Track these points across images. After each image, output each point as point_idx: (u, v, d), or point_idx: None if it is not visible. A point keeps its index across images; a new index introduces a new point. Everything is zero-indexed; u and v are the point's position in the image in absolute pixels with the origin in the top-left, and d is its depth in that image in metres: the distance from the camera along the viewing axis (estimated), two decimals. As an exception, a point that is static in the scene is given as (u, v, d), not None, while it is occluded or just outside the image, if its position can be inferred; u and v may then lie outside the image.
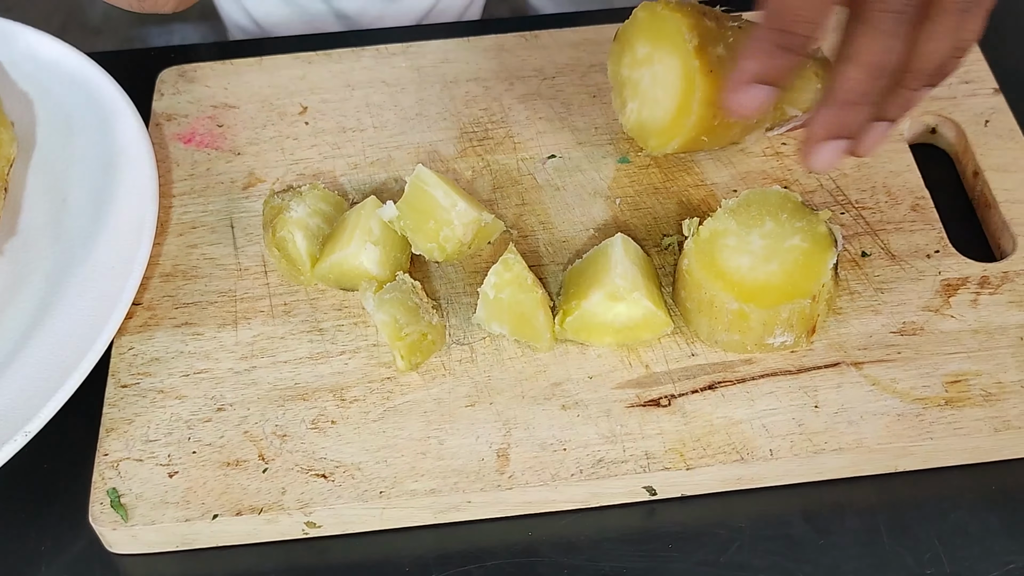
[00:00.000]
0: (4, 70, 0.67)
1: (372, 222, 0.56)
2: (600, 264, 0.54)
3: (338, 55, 0.68)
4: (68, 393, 0.52)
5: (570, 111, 0.65)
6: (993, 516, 0.51)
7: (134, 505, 0.50)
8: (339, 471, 0.51)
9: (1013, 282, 0.56)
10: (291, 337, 0.55)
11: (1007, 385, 0.52)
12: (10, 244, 0.62)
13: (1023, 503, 0.51)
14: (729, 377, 0.53)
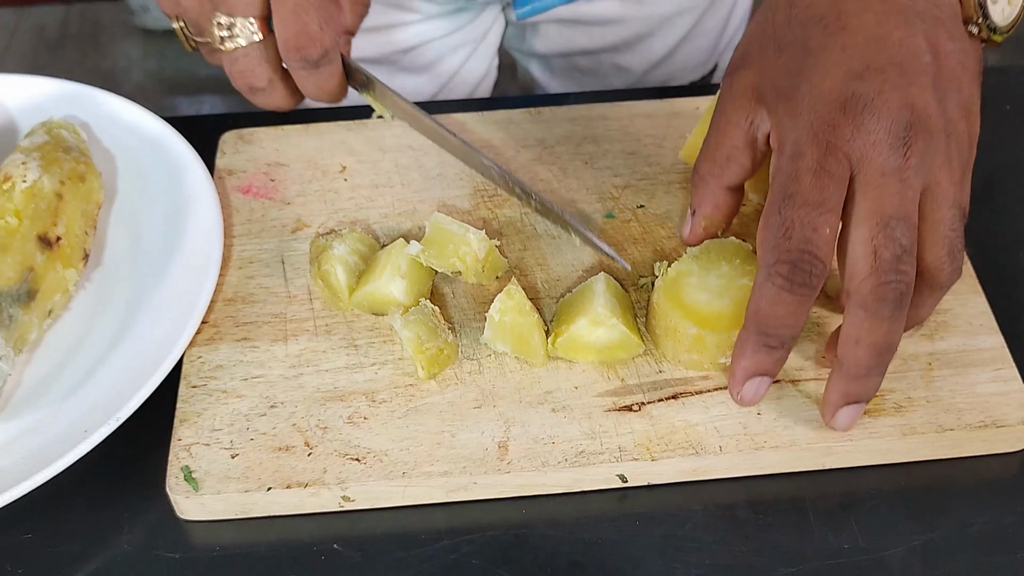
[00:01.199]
0: (91, 130, 0.80)
1: (400, 259, 0.68)
2: (586, 296, 0.66)
3: (372, 124, 0.81)
4: (151, 389, 0.63)
5: (566, 174, 0.77)
6: (900, 505, 0.62)
7: (203, 479, 0.62)
8: (370, 456, 0.62)
9: (928, 320, 0.67)
10: (331, 351, 0.67)
11: (915, 400, 0.64)
12: (96, 273, 0.73)
13: (924, 495, 0.62)
14: (689, 390, 0.65)
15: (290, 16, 0.63)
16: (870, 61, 0.55)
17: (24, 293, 0.66)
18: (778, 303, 0.56)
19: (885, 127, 0.53)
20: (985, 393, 0.64)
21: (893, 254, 0.54)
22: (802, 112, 0.55)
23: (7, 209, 0.67)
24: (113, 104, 0.80)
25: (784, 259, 0.55)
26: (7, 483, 0.60)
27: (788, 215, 0.55)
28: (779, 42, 0.58)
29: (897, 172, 0.53)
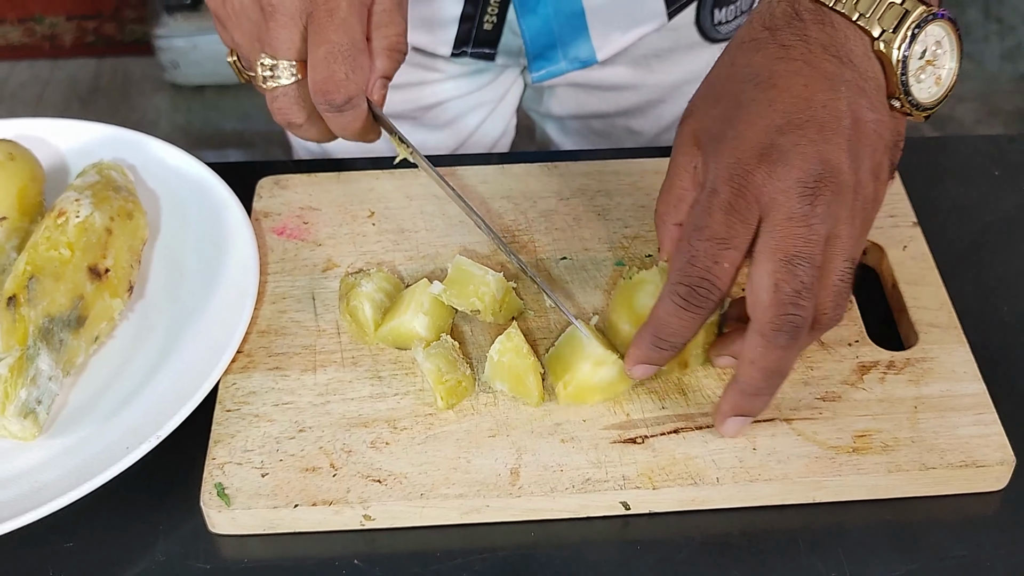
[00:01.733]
0: (138, 172, 0.86)
1: (424, 297, 0.73)
2: (575, 345, 0.71)
3: (400, 173, 0.86)
4: (188, 411, 0.68)
5: (579, 224, 0.82)
6: (885, 537, 0.66)
7: (234, 495, 0.66)
8: (391, 478, 0.67)
9: (913, 366, 0.72)
10: (357, 381, 0.72)
11: (901, 440, 0.68)
12: (139, 304, 0.78)
13: (908, 529, 0.66)
14: (690, 425, 0.69)
15: (320, 63, 0.68)
16: (792, 117, 0.60)
17: (74, 319, 0.71)
18: (673, 316, 0.62)
19: (796, 177, 0.58)
20: (967, 435, 0.68)
21: (794, 289, 0.59)
22: (723, 155, 0.61)
23: (61, 241, 0.73)
24: (159, 148, 0.86)
25: (685, 282, 0.61)
26: (52, 494, 0.65)
27: (696, 245, 0.60)
28: (717, 95, 0.64)
29: (804, 218, 0.58)
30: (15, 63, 2.78)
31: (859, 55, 0.62)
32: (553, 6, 0.98)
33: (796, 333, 0.60)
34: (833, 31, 0.62)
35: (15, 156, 0.79)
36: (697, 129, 0.64)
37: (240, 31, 0.70)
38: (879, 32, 0.61)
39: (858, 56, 0.62)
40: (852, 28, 0.62)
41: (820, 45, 0.62)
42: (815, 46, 0.62)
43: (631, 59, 1.06)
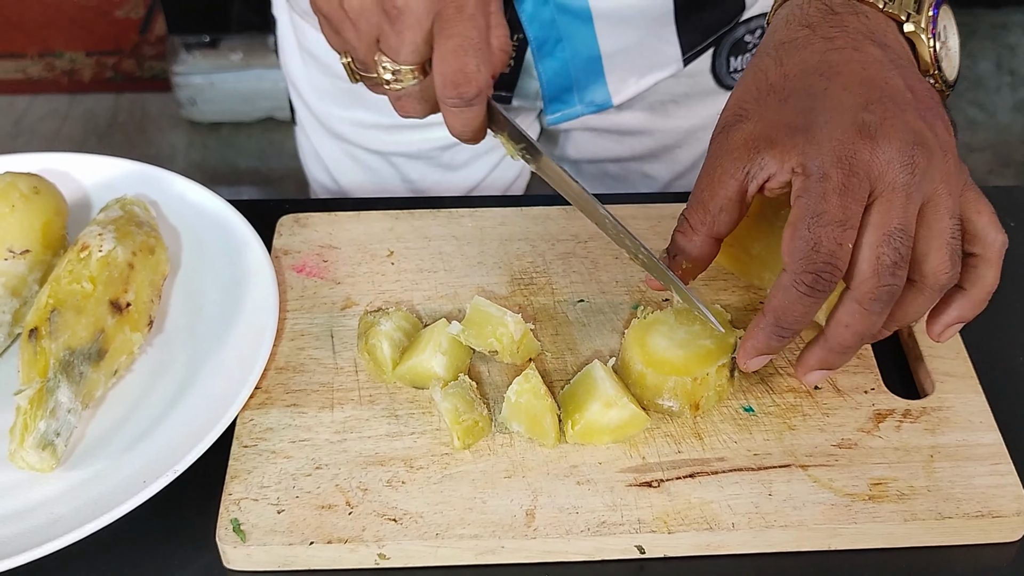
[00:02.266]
0: (160, 207, 0.87)
1: (442, 337, 0.74)
2: (589, 384, 0.71)
3: (419, 214, 0.87)
4: (206, 446, 0.69)
5: (597, 268, 0.83)
6: (900, 586, 0.66)
7: (250, 531, 0.66)
8: (406, 517, 0.67)
9: (929, 415, 0.72)
10: (374, 419, 0.72)
11: (917, 489, 0.68)
12: (158, 339, 0.79)
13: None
14: (706, 470, 0.69)
15: (450, 55, 0.66)
16: (869, 96, 0.63)
17: (95, 352, 0.72)
18: (798, 304, 0.62)
19: (896, 147, 0.61)
20: (983, 485, 0.68)
21: (892, 261, 0.61)
22: (823, 141, 0.62)
23: (84, 275, 0.73)
24: (181, 185, 0.87)
25: (811, 270, 0.61)
26: (68, 527, 0.65)
27: (817, 232, 0.61)
28: (780, 94, 0.65)
29: (904, 188, 0.61)
30: (34, 97, 2.81)
31: (891, 39, 0.66)
32: (570, 50, 0.99)
33: (890, 301, 0.62)
34: (867, 20, 0.66)
35: (40, 190, 0.79)
36: (762, 131, 0.65)
37: (356, 34, 0.68)
38: (906, 16, 0.67)
39: (891, 39, 0.66)
40: (881, 16, 0.67)
41: (860, 33, 0.66)
42: (856, 34, 0.66)
43: (647, 104, 1.07)
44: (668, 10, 0.99)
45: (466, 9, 0.65)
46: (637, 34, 1.00)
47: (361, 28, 0.67)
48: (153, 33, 2.93)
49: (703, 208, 0.67)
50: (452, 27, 0.65)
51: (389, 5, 0.65)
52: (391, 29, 0.66)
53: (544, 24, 0.96)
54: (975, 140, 2.65)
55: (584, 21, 0.97)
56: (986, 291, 0.67)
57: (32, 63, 2.88)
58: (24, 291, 0.77)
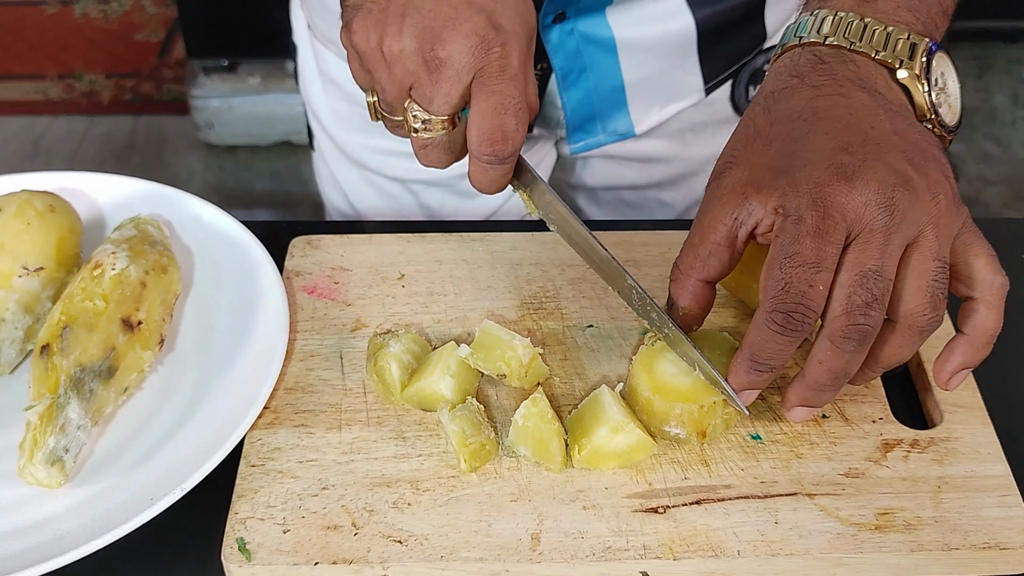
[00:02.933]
0: (173, 227, 0.87)
1: (451, 360, 0.74)
2: (596, 408, 0.71)
3: (431, 237, 0.88)
4: (213, 465, 0.69)
5: (607, 293, 0.83)
6: (906, 617, 0.66)
7: (255, 551, 0.66)
8: (411, 539, 0.67)
9: (937, 445, 0.72)
10: (381, 441, 0.73)
11: (924, 519, 0.68)
12: (169, 357, 0.79)
13: (930, 609, 0.66)
14: (712, 496, 0.69)
15: (491, 113, 0.66)
16: (850, 140, 0.63)
17: (105, 370, 0.72)
18: (771, 341, 0.63)
19: (874, 189, 0.61)
20: (990, 517, 0.68)
21: (864, 301, 0.61)
22: (801, 183, 0.62)
23: (96, 293, 0.74)
24: (195, 205, 0.88)
25: (780, 308, 0.62)
26: (74, 543, 0.65)
27: (788, 272, 0.62)
28: (765, 139, 0.66)
29: (883, 229, 0.61)
30: (54, 118, 2.83)
31: (883, 85, 0.67)
32: (595, 80, 0.99)
33: (863, 340, 0.62)
34: (856, 68, 0.67)
35: (55, 208, 0.80)
36: (749, 177, 0.65)
37: (390, 77, 0.68)
38: (899, 63, 0.67)
39: (882, 86, 0.67)
40: (872, 64, 0.67)
41: (848, 80, 0.66)
42: (844, 81, 0.66)
43: (666, 132, 1.08)
44: (691, 40, 1.00)
45: (509, 68, 0.66)
46: (660, 64, 1.01)
47: (396, 73, 0.67)
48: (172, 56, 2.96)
49: (693, 253, 0.68)
50: (495, 84, 0.66)
51: (431, 55, 0.65)
52: (428, 79, 0.66)
53: (569, 54, 0.97)
54: (990, 173, 2.64)
55: (608, 51, 0.98)
56: (988, 335, 0.66)
57: (52, 84, 2.91)
58: (37, 308, 0.78)
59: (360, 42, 0.68)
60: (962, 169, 2.65)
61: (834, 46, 0.67)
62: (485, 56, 0.65)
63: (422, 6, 0.66)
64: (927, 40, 0.67)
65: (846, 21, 0.68)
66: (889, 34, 0.67)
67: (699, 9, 0.98)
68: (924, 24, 0.69)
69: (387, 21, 0.66)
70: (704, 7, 0.98)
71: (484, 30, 0.65)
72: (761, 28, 1.03)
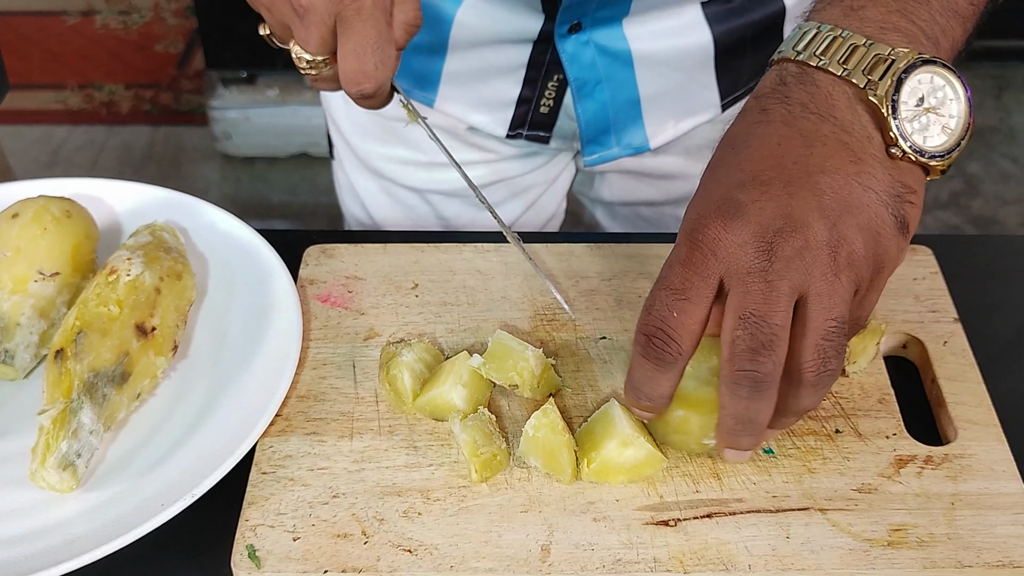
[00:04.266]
0: (189, 234, 0.88)
1: (463, 370, 0.74)
2: (606, 422, 0.71)
3: (444, 247, 0.88)
4: (225, 471, 0.69)
5: (620, 305, 0.83)
6: (918, 634, 0.65)
7: (265, 558, 0.66)
8: (421, 549, 0.67)
9: (951, 462, 0.72)
10: (392, 450, 0.72)
11: (937, 536, 0.67)
12: (182, 364, 0.79)
13: (943, 627, 0.66)
14: (723, 510, 0.69)
15: (350, 55, 0.71)
16: (758, 175, 0.61)
17: (118, 375, 0.72)
18: (638, 366, 0.64)
19: (752, 231, 0.59)
20: (1004, 535, 0.67)
21: (748, 346, 0.59)
22: (688, 213, 0.62)
23: (111, 298, 0.74)
24: (210, 213, 0.88)
25: (643, 331, 0.63)
26: (84, 547, 0.66)
27: (653, 295, 0.62)
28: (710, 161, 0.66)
29: (761, 273, 0.59)
30: (73, 127, 2.85)
31: (842, 108, 0.62)
32: (610, 93, 0.99)
33: (756, 387, 0.60)
34: (815, 89, 0.63)
35: (72, 214, 0.81)
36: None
37: (272, 19, 0.73)
38: (865, 83, 0.62)
39: (840, 110, 0.62)
40: (836, 83, 0.63)
41: (799, 104, 0.63)
42: (795, 106, 0.63)
43: (683, 149, 1.08)
44: (709, 55, 0.99)
45: (364, 9, 0.69)
46: (677, 78, 1.01)
47: (275, 15, 0.72)
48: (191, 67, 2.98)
49: None
50: (351, 27, 0.70)
51: (296, 2, 0.70)
52: (300, 24, 0.71)
53: (585, 66, 0.97)
54: (1008, 192, 2.63)
55: (625, 64, 0.98)
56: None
57: (72, 94, 2.93)
58: (52, 313, 0.78)
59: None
60: (979, 188, 2.64)
61: (800, 63, 0.64)
62: (339, 1, 0.69)
63: None
64: (912, 55, 0.62)
65: (823, 36, 0.64)
66: (868, 48, 0.62)
67: (717, 24, 0.98)
68: (923, 29, 0.64)
69: None
70: (722, 22, 0.98)
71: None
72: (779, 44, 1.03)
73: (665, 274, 0.62)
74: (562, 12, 0.92)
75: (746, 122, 0.65)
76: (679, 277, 0.61)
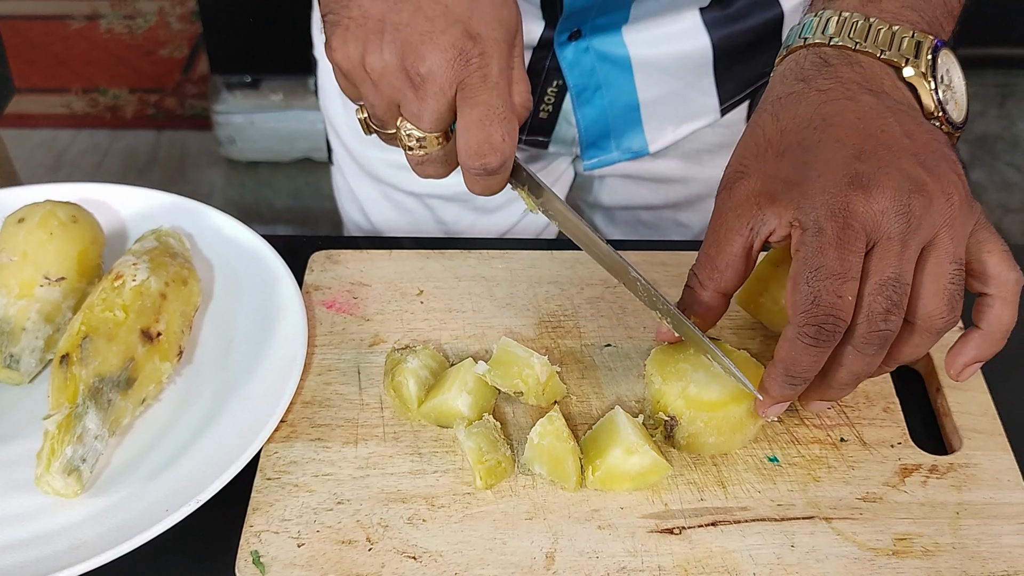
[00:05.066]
0: (194, 240, 0.88)
1: (468, 376, 0.74)
2: (611, 429, 0.71)
3: (450, 254, 0.88)
4: (229, 477, 0.69)
5: (625, 312, 0.83)
6: (923, 644, 0.65)
7: (270, 564, 0.66)
8: (426, 555, 0.67)
9: (956, 471, 0.72)
10: (397, 457, 0.73)
11: (942, 545, 0.67)
12: (187, 369, 0.79)
13: (947, 636, 0.66)
14: (728, 518, 0.69)
15: (475, 126, 0.66)
16: (863, 146, 0.63)
17: (124, 380, 0.72)
18: (804, 354, 0.63)
19: (890, 197, 0.61)
20: (1009, 544, 0.67)
21: (884, 308, 0.61)
22: (816, 194, 0.62)
23: (116, 303, 0.74)
24: (216, 218, 0.88)
25: (812, 322, 0.62)
26: (89, 552, 0.66)
27: (816, 285, 0.61)
28: (776, 149, 0.66)
29: (900, 236, 0.61)
30: (77, 131, 2.85)
31: (889, 86, 0.66)
32: (609, 98, 1.00)
33: (883, 345, 0.63)
34: (862, 69, 0.66)
35: (78, 219, 0.81)
36: (762, 187, 0.65)
37: (377, 94, 0.67)
38: (905, 61, 0.66)
39: (889, 87, 0.66)
40: (878, 64, 0.67)
41: (854, 83, 0.66)
42: (850, 84, 0.66)
43: (682, 153, 1.08)
44: (707, 61, 1.00)
45: (490, 78, 0.65)
46: (676, 84, 1.01)
47: (383, 90, 0.67)
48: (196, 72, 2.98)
49: (711, 264, 0.68)
50: (476, 96, 0.65)
51: (413, 72, 0.65)
52: (414, 96, 0.66)
53: (584, 72, 0.97)
54: (1011, 201, 2.63)
55: (624, 70, 0.98)
56: (1003, 330, 0.66)
57: (76, 98, 2.93)
58: (58, 318, 0.78)
59: (342, 60, 0.67)
60: (983, 197, 2.63)
61: (839, 47, 0.67)
62: (464, 68, 0.64)
63: (399, 20, 0.65)
64: (932, 38, 0.67)
65: (851, 21, 0.67)
66: (894, 33, 0.67)
67: (716, 30, 0.98)
68: (929, 23, 0.69)
69: (366, 38, 0.66)
70: (721, 28, 0.98)
71: (461, 41, 0.64)
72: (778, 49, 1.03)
73: (818, 262, 0.61)
74: (562, 20, 0.92)
75: (808, 104, 0.66)
76: (836, 260, 0.61)
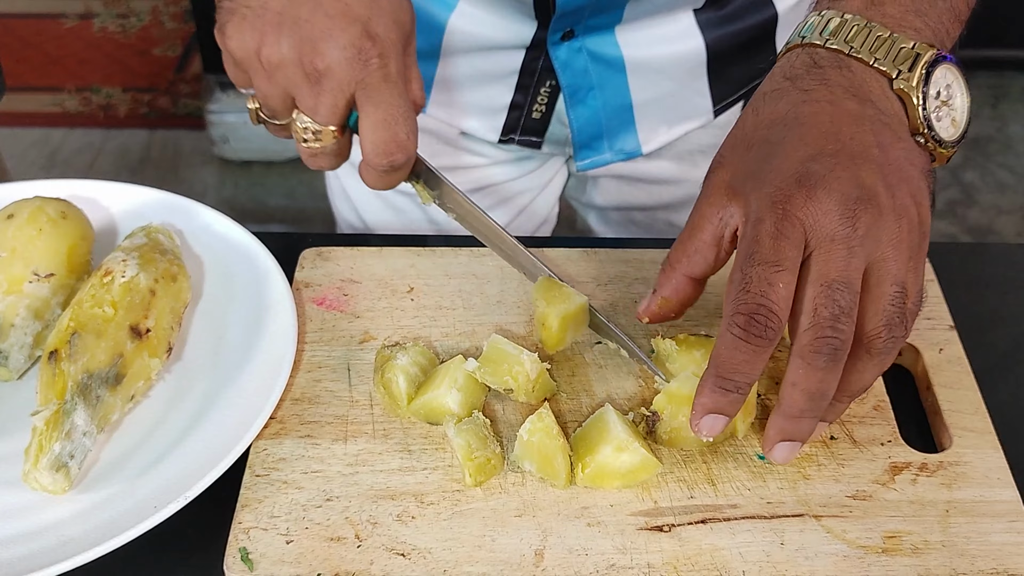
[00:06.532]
0: (185, 236, 0.87)
1: (458, 373, 0.74)
2: (601, 427, 0.71)
3: (441, 251, 0.88)
4: (218, 474, 0.69)
5: (616, 310, 0.83)
6: (912, 641, 0.65)
7: (258, 561, 0.66)
8: (415, 552, 0.66)
9: (946, 469, 0.72)
10: (387, 454, 0.72)
11: (932, 543, 0.67)
12: (176, 366, 0.79)
13: (936, 634, 0.66)
14: (718, 516, 0.69)
15: (380, 125, 0.67)
16: (823, 148, 0.62)
17: (112, 376, 0.72)
18: (735, 351, 0.61)
19: (835, 199, 0.60)
20: (999, 542, 0.67)
21: (831, 313, 0.60)
22: (765, 187, 0.62)
23: (105, 300, 0.74)
24: (206, 215, 0.88)
25: (742, 311, 0.60)
26: (76, 549, 0.65)
27: (748, 272, 0.61)
28: (748, 142, 0.66)
29: (845, 240, 0.60)
30: (70, 130, 2.85)
31: (877, 95, 0.65)
32: (602, 99, 0.99)
33: (835, 355, 0.60)
34: (851, 74, 0.66)
35: (68, 215, 0.80)
36: (729, 177, 0.66)
37: (271, 85, 0.68)
38: (896, 72, 0.65)
39: (876, 96, 0.65)
40: (869, 71, 0.66)
41: (840, 87, 0.65)
42: (836, 88, 0.65)
43: (676, 154, 1.08)
44: (701, 62, 1.00)
45: (390, 77, 0.66)
46: (669, 85, 1.01)
47: (278, 81, 0.67)
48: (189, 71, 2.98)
49: (682, 248, 0.69)
50: (379, 96, 0.66)
51: (310, 67, 0.65)
52: (310, 91, 0.66)
53: (577, 72, 0.97)
54: (1004, 202, 2.64)
55: (617, 70, 0.98)
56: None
57: (69, 97, 2.93)
58: (47, 314, 0.78)
59: (236, 48, 0.67)
60: (976, 198, 2.64)
61: (832, 49, 0.66)
62: (364, 67, 0.65)
63: (298, 15, 0.65)
64: (933, 50, 0.65)
65: (850, 25, 0.66)
66: (894, 41, 0.65)
67: (709, 31, 0.98)
68: (933, 30, 0.67)
69: (264, 30, 0.66)
70: (714, 29, 0.98)
71: (360, 41, 0.65)
72: (772, 51, 1.03)
73: (754, 250, 0.61)
74: (555, 20, 0.92)
75: (788, 102, 0.66)
76: (771, 249, 0.60)
